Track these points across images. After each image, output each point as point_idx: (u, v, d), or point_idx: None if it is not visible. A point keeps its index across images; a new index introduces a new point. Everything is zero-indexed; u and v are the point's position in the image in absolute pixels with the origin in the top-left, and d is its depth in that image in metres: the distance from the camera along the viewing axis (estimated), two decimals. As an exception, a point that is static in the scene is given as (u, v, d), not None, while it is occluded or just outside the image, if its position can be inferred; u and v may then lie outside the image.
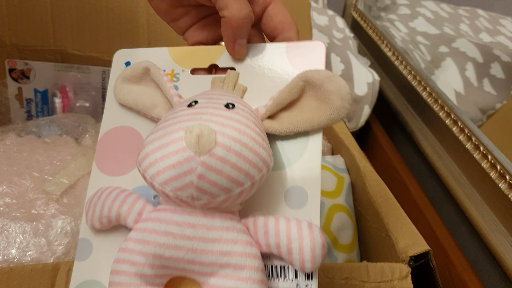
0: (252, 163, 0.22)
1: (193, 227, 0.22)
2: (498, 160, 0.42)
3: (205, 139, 0.21)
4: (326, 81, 0.24)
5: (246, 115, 0.23)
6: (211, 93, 0.25)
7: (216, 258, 0.22)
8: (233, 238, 0.23)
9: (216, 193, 0.21)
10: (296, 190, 0.25)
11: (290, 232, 0.22)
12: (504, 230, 0.40)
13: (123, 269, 0.23)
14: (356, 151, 0.51)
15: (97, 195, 0.27)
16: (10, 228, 0.38)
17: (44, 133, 0.50)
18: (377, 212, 0.42)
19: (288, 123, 0.25)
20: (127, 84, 0.29)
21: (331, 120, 0.24)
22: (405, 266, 0.33)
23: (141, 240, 0.23)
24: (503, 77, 0.61)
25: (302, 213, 0.24)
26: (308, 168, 0.25)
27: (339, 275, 0.32)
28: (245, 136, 0.22)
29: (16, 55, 0.54)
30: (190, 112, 0.23)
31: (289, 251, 0.22)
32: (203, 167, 0.21)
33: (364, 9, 0.81)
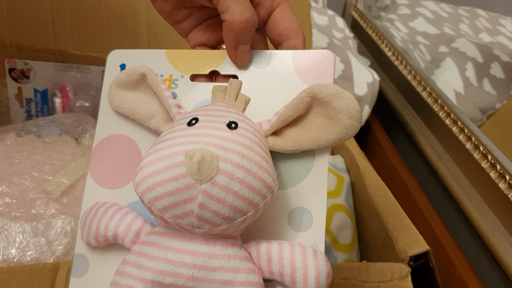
0: (256, 191, 0.21)
1: (193, 254, 0.21)
2: (498, 160, 0.42)
3: (206, 166, 0.19)
4: (335, 98, 0.22)
5: (250, 135, 0.22)
6: (212, 109, 0.24)
7: (217, 287, 0.21)
8: (235, 267, 0.22)
9: (218, 222, 0.20)
10: (300, 211, 0.24)
11: (294, 261, 0.22)
12: (504, 230, 0.40)
13: None
14: (356, 151, 0.51)
15: (93, 212, 0.26)
16: (10, 228, 0.38)
17: (44, 133, 0.50)
18: (377, 212, 0.42)
19: (293, 141, 0.23)
20: (122, 90, 0.27)
21: (339, 139, 0.23)
22: (405, 266, 0.33)
23: (140, 266, 0.22)
24: (503, 77, 0.61)
25: (306, 236, 0.23)
26: (313, 188, 0.24)
27: (339, 275, 0.32)
28: (248, 161, 0.21)
29: (16, 55, 0.54)
30: (190, 132, 0.21)
31: (293, 280, 0.21)
32: (205, 195, 0.20)
33: (364, 9, 0.81)
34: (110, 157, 0.27)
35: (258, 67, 0.26)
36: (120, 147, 0.27)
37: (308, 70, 0.25)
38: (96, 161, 0.28)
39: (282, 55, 0.26)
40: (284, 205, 0.24)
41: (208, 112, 0.23)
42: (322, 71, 0.25)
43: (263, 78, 0.26)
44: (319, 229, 0.23)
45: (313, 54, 0.25)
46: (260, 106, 0.25)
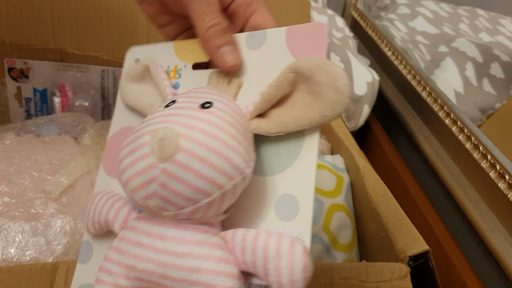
0: (220, 170, 0.19)
1: (163, 239, 0.21)
2: (498, 160, 0.42)
3: (166, 143, 0.19)
4: (318, 70, 0.20)
5: (223, 115, 0.21)
6: (194, 91, 0.23)
7: (186, 275, 0.20)
8: (203, 254, 0.20)
9: (181, 204, 0.20)
10: (287, 199, 0.22)
11: (268, 250, 0.19)
12: (504, 229, 0.40)
13: (103, 278, 0.22)
14: (355, 151, 0.51)
15: (93, 200, 0.26)
16: (9, 228, 0.38)
17: (43, 132, 0.50)
18: (376, 212, 0.42)
19: (276, 123, 0.22)
20: (130, 83, 0.28)
21: (324, 117, 0.20)
22: (404, 266, 0.33)
23: (119, 250, 0.22)
24: (503, 77, 0.61)
25: (291, 226, 0.21)
26: (301, 174, 0.22)
27: (339, 275, 0.32)
28: (213, 139, 0.19)
29: (15, 54, 0.54)
30: (163, 113, 0.21)
31: (266, 272, 0.19)
32: (165, 175, 0.19)
33: (363, 8, 0.81)
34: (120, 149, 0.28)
35: (252, 48, 0.25)
36: None
37: (299, 44, 0.23)
38: (109, 152, 0.28)
39: (276, 32, 0.24)
40: (270, 192, 0.22)
41: (189, 94, 0.23)
42: (313, 44, 0.23)
43: (257, 59, 0.25)
44: (305, 218, 0.21)
45: (305, 27, 0.23)
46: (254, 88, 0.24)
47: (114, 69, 0.57)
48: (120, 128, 0.29)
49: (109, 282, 0.22)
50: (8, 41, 0.53)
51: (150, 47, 0.29)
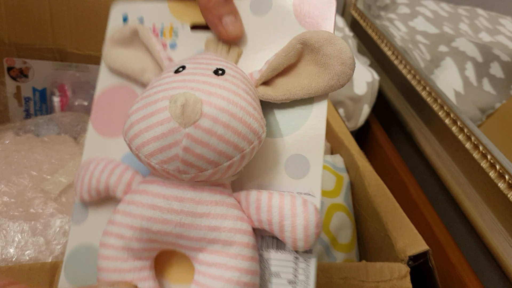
0: (241, 135, 0.20)
1: (180, 200, 0.21)
2: (497, 160, 0.42)
3: (190, 109, 0.19)
4: (326, 43, 0.22)
5: (237, 82, 0.22)
6: (201, 58, 0.23)
7: (204, 234, 0.21)
8: (222, 213, 0.22)
9: (203, 167, 0.20)
10: (297, 158, 0.23)
11: (283, 209, 0.21)
12: (503, 229, 0.40)
13: (111, 242, 0.22)
14: (355, 151, 0.51)
15: (85, 166, 0.25)
16: (9, 227, 0.38)
17: (42, 132, 0.50)
18: (376, 211, 0.42)
19: (283, 90, 0.23)
20: (116, 47, 0.27)
21: (331, 86, 0.22)
22: (404, 266, 0.33)
23: (128, 213, 0.22)
24: (503, 76, 0.61)
25: (302, 183, 0.23)
26: (311, 135, 0.23)
27: (338, 275, 0.32)
28: (234, 105, 0.20)
29: (15, 53, 0.54)
30: (176, 79, 0.21)
31: (281, 228, 0.21)
32: (189, 139, 0.20)
33: (363, 8, 0.81)
34: (111, 107, 0.27)
35: (257, 14, 0.25)
36: (120, 97, 0.27)
37: (308, 15, 0.24)
38: (97, 111, 0.28)
39: (283, 1, 0.25)
40: (281, 152, 0.24)
41: (197, 60, 0.23)
42: (321, 17, 0.24)
43: (262, 26, 0.25)
44: (315, 176, 0.23)
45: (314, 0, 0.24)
46: (258, 56, 0.25)
47: (113, 68, 0.57)
48: (109, 86, 0.28)
49: (120, 245, 0.22)
50: (8, 41, 0.53)
51: (139, 3, 0.28)
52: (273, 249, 0.23)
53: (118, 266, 0.22)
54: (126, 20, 0.28)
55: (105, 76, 0.28)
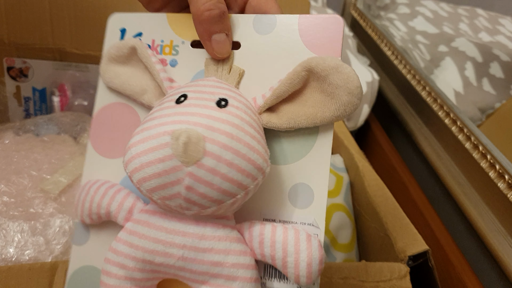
0: (245, 173, 0.20)
1: (183, 235, 0.21)
2: (497, 160, 0.42)
3: (192, 147, 0.19)
4: (332, 72, 0.21)
5: (240, 113, 0.21)
6: (202, 84, 0.23)
7: (207, 268, 0.21)
8: (225, 248, 0.21)
9: (206, 205, 0.20)
10: (301, 187, 0.23)
11: (287, 245, 0.21)
12: (503, 229, 0.40)
13: (113, 271, 0.22)
14: (355, 151, 0.51)
15: (85, 190, 0.25)
16: (8, 227, 0.38)
17: (42, 131, 0.50)
18: (376, 211, 0.42)
19: (288, 118, 0.22)
20: (114, 65, 0.26)
21: (337, 117, 0.21)
22: (404, 266, 0.33)
23: (130, 244, 0.22)
24: (502, 76, 0.61)
25: (306, 213, 0.22)
26: (315, 164, 0.23)
27: (338, 275, 0.32)
28: (237, 142, 0.20)
29: (15, 53, 0.54)
30: (178, 111, 0.21)
31: (284, 264, 0.21)
32: (191, 178, 0.19)
33: (363, 8, 0.81)
34: (110, 126, 0.27)
35: (261, 33, 0.24)
36: (119, 115, 0.27)
37: (314, 37, 0.23)
38: (96, 129, 0.27)
39: (288, 19, 0.24)
40: (285, 180, 0.23)
41: (198, 88, 0.22)
42: (328, 38, 0.23)
43: (266, 46, 0.24)
44: (319, 206, 0.22)
45: (320, 19, 0.23)
46: (260, 77, 0.24)
47: (113, 68, 0.57)
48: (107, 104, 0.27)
49: (122, 275, 0.22)
50: (7, 40, 0.53)
51: (137, 16, 0.27)
52: (276, 278, 0.23)
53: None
54: (124, 33, 0.27)
55: (103, 93, 0.27)
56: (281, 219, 0.23)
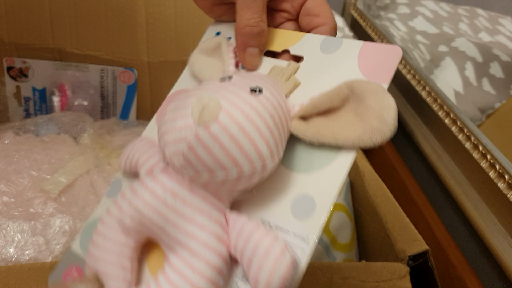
0: (243, 152, 0.20)
1: (174, 196, 0.22)
2: (497, 160, 0.42)
3: (207, 111, 0.20)
4: (370, 94, 0.20)
5: (267, 104, 0.21)
6: (252, 75, 0.24)
7: (180, 236, 0.22)
8: (202, 223, 0.22)
9: (199, 169, 0.21)
10: (306, 199, 0.22)
11: (259, 246, 0.20)
12: (503, 229, 0.40)
13: (112, 211, 0.24)
14: (355, 151, 0.51)
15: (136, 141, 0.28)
16: (8, 227, 0.38)
17: (42, 131, 0.50)
18: (376, 211, 0.42)
19: (314, 131, 0.22)
20: (201, 55, 0.29)
21: (361, 141, 0.21)
22: (404, 266, 0.33)
23: (134, 192, 0.23)
24: (503, 76, 0.61)
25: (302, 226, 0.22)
26: (328, 180, 0.22)
27: (338, 275, 0.32)
28: (249, 123, 0.20)
29: (14, 53, 0.54)
30: (216, 85, 0.22)
31: (249, 264, 0.20)
32: (195, 138, 0.20)
33: (363, 8, 0.81)
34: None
35: (325, 52, 0.25)
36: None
37: (370, 63, 0.23)
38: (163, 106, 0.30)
39: (352, 44, 0.25)
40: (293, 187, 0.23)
41: (247, 75, 0.24)
42: (382, 66, 0.23)
43: (326, 64, 0.25)
44: (318, 222, 0.21)
45: (381, 47, 0.24)
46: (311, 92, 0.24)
47: (113, 68, 0.57)
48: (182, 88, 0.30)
49: (116, 216, 0.24)
50: (7, 40, 0.53)
51: (230, 25, 0.30)
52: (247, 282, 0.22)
53: (106, 232, 0.24)
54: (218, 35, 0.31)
55: (184, 79, 0.30)
56: (276, 223, 0.22)
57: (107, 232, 0.24)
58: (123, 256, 0.24)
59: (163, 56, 0.57)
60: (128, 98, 0.59)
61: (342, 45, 0.25)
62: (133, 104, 0.60)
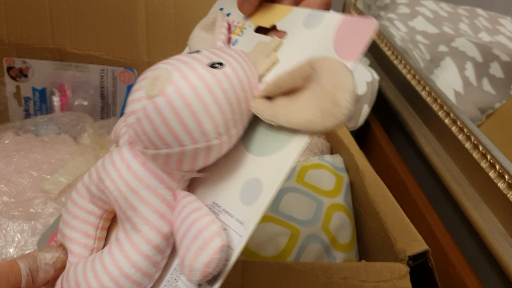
0: (186, 129, 0.19)
1: (128, 168, 0.22)
2: (497, 160, 0.42)
3: (157, 83, 0.20)
4: (327, 74, 0.19)
5: (223, 80, 0.20)
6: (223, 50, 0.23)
7: (126, 209, 0.22)
8: (146, 198, 0.21)
9: (145, 144, 0.21)
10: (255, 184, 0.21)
11: (192, 226, 0.20)
12: (503, 229, 0.40)
13: (84, 179, 0.24)
14: (355, 151, 0.51)
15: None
16: (8, 227, 0.38)
17: (42, 131, 0.50)
18: (376, 211, 0.42)
19: (272, 111, 0.21)
20: (199, 30, 0.29)
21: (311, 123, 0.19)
22: (404, 266, 0.33)
23: (103, 161, 0.23)
24: (502, 76, 0.61)
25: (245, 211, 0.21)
26: (277, 166, 0.21)
27: (338, 275, 0.32)
28: (196, 98, 0.19)
29: (14, 53, 0.54)
30: (179, 57, 0.21)
31: (180, 244, 0.20)
32: (142, 111, 0.20)
33: (363, 8, 0.81)
34: None
35: (307, 27, 0.24)
36: None
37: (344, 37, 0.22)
38: None
39: (332, 18, 0.23)
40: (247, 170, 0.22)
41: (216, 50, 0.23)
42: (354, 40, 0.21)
43: (306, 40, 0.24)
44: (258, 208, 0.20)
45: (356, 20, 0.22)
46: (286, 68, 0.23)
47: (113, 68, 0.57)
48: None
49: (85, 183, 0.24)
50: (7, 40, 0.53)
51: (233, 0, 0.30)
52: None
53: (76, 199, 0.25)
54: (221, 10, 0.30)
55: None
56: (225, 208, 0.22)
57: (77, 199, 0.24)
58: (88, 224, 0.24)
59: (163, 56, 0.56)
60: (128, 98, 0.59)
61: (324, 19, 0.23)
62: (133, 104, 0.60)
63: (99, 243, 0.24)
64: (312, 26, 0.24)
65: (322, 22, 0.24)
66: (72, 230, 0.24)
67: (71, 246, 0.24)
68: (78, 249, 0.24)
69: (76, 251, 0.24)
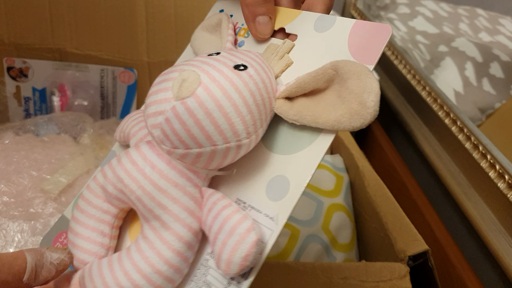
0: (218, 129, 0.20)
1: (152, 168, 0.22)
2: (497, 160, 0.42)
3: (185, 85, 0.20)
4: (353, 77, 0.20)
5: (249, 81, 0.21)
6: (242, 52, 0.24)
7: (153, 207, 0.22)
8: (175, 197, 0.22)
9: (175, 143, 0.21)
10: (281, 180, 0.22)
11: (226, 223, 0.20)
12: (503, 229, 0.40)
13: (98, 178, 0.25)
14: (355, 151, 0.51)
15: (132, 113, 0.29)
16: (8, 227, 0.38)
17: (42, 131, 0.50)
18: (376, 211, 0.42)
19: (296, 111, 0.22)
20: (203, 31, 0.29)
21: (339, 123, 0.20)
22: (404, 266, 0.33)
23: (119, 160, 0.23)
24: (503, 76, 0.61)
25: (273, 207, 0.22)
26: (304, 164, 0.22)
27: (338, 275, 0.32)
28: (227, 99, 0.20)
29: (14, 53, 0.54)
30: (202, 59, 0.22)
31: (215, 240, 0.21)
32: (172, 112, 0.20)
33: (363, 8, 0.81)
34: None
35: (318, 30, 0.25)
36: None
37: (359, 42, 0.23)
38: None
39: (344, 22, 0.24)
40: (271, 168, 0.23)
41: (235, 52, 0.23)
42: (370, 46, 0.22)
43: (318, 43, 0.24)
44: (289, 203, 0.21)
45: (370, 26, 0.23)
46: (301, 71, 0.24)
47: (113, 68, 0.57)
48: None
49: (100, 183, 0.24)
50: (7, 40, 0.53)
51: (235, 4, 0.30)
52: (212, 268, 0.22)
53: (90, 197, 0.25)
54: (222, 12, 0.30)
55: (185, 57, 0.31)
56: (251, 204, 0.23)
57: (91, 197, 0.25)
58: (103, 222, 0.24)
59: (163, 56, 0.57)
60: (128, 98, 0.59)
61: (335, 23, 0.24)
62: (133, 104, 0.60)
63: (114, 242, 0.25)
64: (323, 30, 0.25)
65: (333, 26, 0.24)
66: (87, 229, 0.24)
67: (86, 245, 0.24)
68: (94, 248, 0.24)
69: (92, 250, 0.24)
